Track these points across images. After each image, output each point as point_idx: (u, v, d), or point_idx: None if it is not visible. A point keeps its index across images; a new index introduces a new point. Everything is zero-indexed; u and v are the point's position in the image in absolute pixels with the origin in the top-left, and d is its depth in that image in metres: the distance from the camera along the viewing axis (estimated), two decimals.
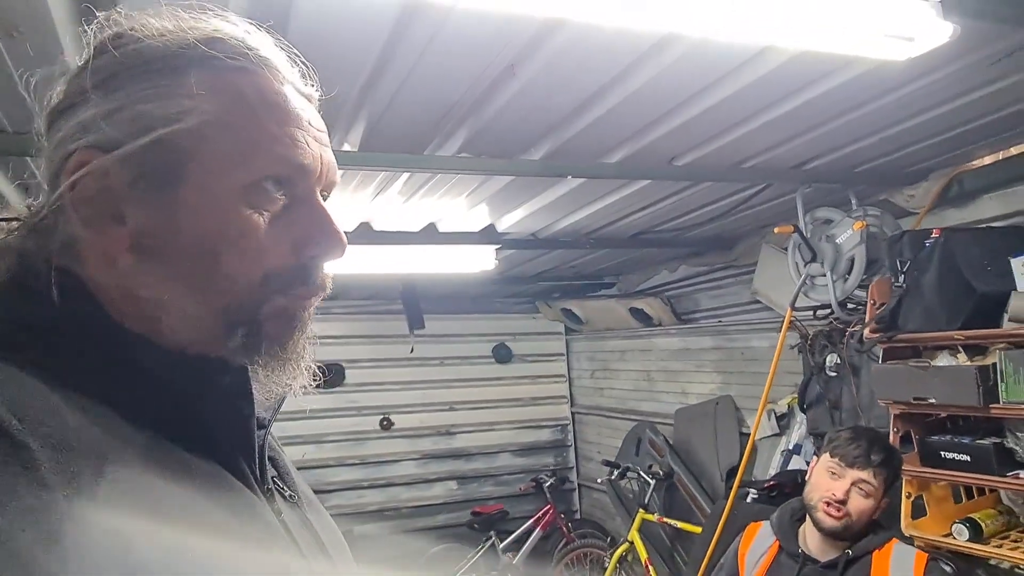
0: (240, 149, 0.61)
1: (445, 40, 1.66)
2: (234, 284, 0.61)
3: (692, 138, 2.44)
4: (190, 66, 0.61)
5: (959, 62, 1.89)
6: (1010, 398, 2.12)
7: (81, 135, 0.59)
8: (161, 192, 0.59)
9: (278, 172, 0.62)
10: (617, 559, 4.60)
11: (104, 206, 0.60)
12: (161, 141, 0.59)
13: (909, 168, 2.94)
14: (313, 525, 0.72)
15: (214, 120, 0.60)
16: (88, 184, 0.59)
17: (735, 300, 4.69)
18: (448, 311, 6.25)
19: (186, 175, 0.59)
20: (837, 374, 3.22)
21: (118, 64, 0.61)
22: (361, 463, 6.10)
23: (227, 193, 0.60)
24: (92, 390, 0.55)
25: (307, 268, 0.65)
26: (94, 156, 0.59)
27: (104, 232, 0.60)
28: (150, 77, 0.60)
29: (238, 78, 0.62)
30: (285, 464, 0.76)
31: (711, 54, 1.78)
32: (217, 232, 0.60)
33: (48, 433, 0.49)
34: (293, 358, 0.66)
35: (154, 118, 0.59)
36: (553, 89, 1.98)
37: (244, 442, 0.65)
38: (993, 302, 2.22)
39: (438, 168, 2.52)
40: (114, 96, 0.60)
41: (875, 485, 1.92)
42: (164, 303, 0.60)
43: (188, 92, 0.60)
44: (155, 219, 0.60)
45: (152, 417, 0.57)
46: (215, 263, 0.60)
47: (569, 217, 3.55)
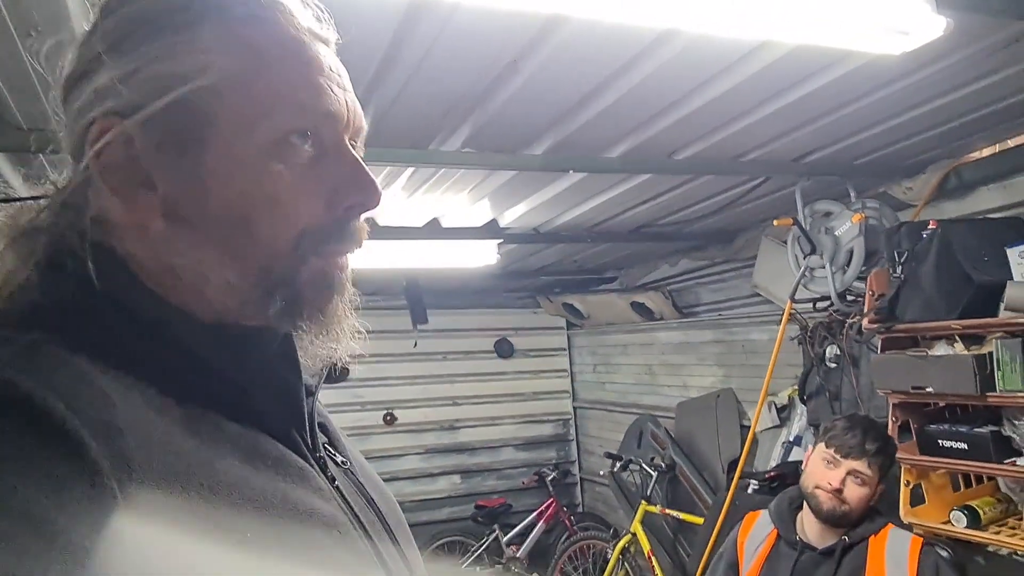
0: (261, 103, 0.58)
1: (450, 36, 1.69)
2: (270, 247, 0.59)
3: (692, 132, 2.47)
4: (202, 20, 0.58)
5: (955, 55, 1.92)
6: (1007, 387, 2.15)
7: (99, 102, 0.57)
8: (187, 155, 0.57)
9: (303, 124, 0.59)
10: (620, 551, 4.63)
11: (132, 173, 0.57)
12: (180, 102, 0.56)
13: (907, 161, 2.96)
14: (367, 490, 0.71)
15: (232, 74, 0.57)
16: (113, 152, 0.57)
17: (735, 294, 4.72)
18: (451, 306, 6.27)
19: (210, 135, 0.57)
20: (837, 365, 3.25)
21: (127, 24, 0.58)
22: (365, 458, 6.09)
23: (253, 151, 0.58)
24: (136, 369, 0.54)
25: (342, 221, 0.62)
26: (115, 123, 0.56)
27: (135, 200, 0.58)
28: (162, 35, 0.57)
29: (252, 28, 0.59)
30: (335, 431, 0.75)
31: (710, 49, 1.81)
32: (247, 194, 0.58)
33: (96, 417, 0.47)
34: (335, 322, 0.64)
35: (172, 77, 0.56)
36: (555, 84, 2.01)
37: (293, 411, 0.63)
38: (990, 292, 2.25)
39: (442, 163, 2.55)
40: (128, 58, 0.57)
41: (870, 474, 1.95)
42: (201, 272, 0.58)
43: (203, 47, 0.57)
44: (184, 183, 0.58)
45: (199, 392, 0.56)
46: (248, 226, 0.58)
47: (571, 212, 3.58)
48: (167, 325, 0.58)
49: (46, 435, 0.45)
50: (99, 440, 0.46)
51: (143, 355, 0.55)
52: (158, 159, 0.57)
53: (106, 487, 0.45)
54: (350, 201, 0.62)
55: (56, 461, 0.44)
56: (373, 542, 0.64)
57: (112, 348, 0.54)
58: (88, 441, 0.46)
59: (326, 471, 0.65)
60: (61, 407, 0.46)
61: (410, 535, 0.74)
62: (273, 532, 0.53)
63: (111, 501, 0.45)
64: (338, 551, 0.58)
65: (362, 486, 0.71)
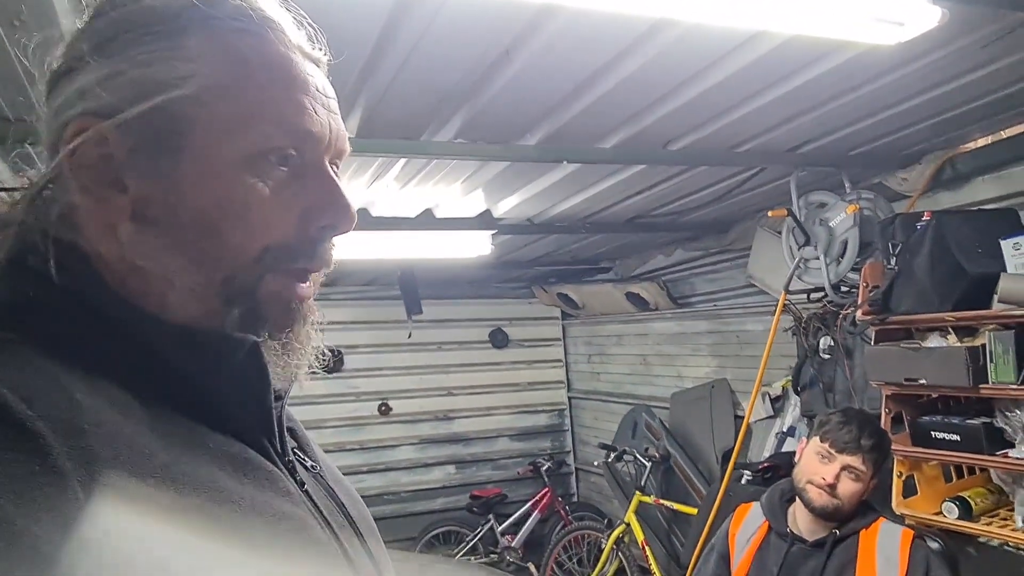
0: (243, 115, 0.58)
1: (442, 26, 1.67)
2: (234, 258, 0.59)
3: (687, 122, 2.46)
4: (190, 28, 0.58)
5: (950, 46, 1.90)
6: (999, 379, 2.15)
7: (79, 101, 0.57)
8: (162, 160, 0.57)
9: (283, 140, 0.60)
10: (614, 541, 4.64)
11: (104, 173, 0.57)
12: (161, 107, 0.56)
13: (902, 151, 2.96)
14: (337, 495, 0.71)
15: (215, 85, 0.57)
16: (87, 151, 0.57)
17: (730, 284, 4.72)
18: (445, 296, 6.26)
19: (187, 143, 0.57)
20: (831, 356, 3.25)
21: (116, 27, 0.58)
22: (360, 448, 6.14)
23: (229, 162, 0.58)
24: (101, 369, 0.53)
25: (314, 241, 0.62)
26: (91, 123, 0.56)
27: (105, 200, 0.58)
28: (149, 40, 0.57)
29: (241, 40, 0.59)
30: (305, 435, 0.75)
31: (705, 38, 1.80)
32: (219, 202, 0.58)
33: (59, 416, 0.47)
34: (298, 343, 0.64)
35: (153, 83, 0.56)
36: (548, 74, 2.00)
37: (261, 416, 0.63)
38: (983, 284, 2.24)
39: (435, 154, 2.53)
40: (112, 60, 0.57)
41: (864, 470, 1.94)
42: (166, 274, 0.58)
43: (188, 55, 0.57)
44: (156, 187, 0.58)
45: (165, 394, 0.56)
46: (216, 234, 0.58)
47: (565, 202, 3.57)
48: (131, 326, 0.57)
49: (7, 435, 0.44)
50: (62, 440, 0.46)
51: (108, 356, 0.55)
52: (131, 162, 0.57)
53: (69, 487, 0.44)
54: (323, 222, 0.62)
55: (18, 461, 0.44)
56: (342, 545, 0.64)
57: (77, 348, 0.53)
58: (51, 441, 0.45)
59: (295, 475, 0.65)
60: (23, 407, 0.45)
61: (379, 538, 0.74)
62: (241, 534, 0.53)
63: (74, 502, 0.44)
64: (307, 554, 0.58)
65: (332, 490, 0.71)
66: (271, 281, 0.61)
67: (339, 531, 0.65)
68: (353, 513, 0.71)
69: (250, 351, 0.61)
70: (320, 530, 0.62)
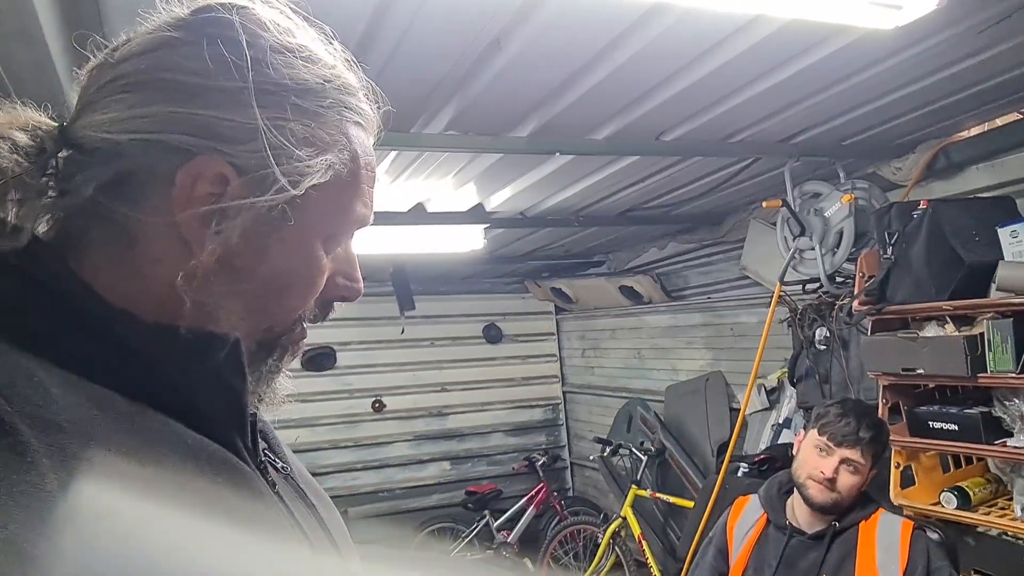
0: (342, 204, 0.64)
1: (430, 14, 1.64)
2: (285, 314, 0.65)
3: (680, 112, 2.43)
4: (329, 111, 0.62)
5: (946, 31, 1.88)
6: (997, 368, 2.13)
7: (211, 137, 0.57)
8: (270, 226, 0.60)
9: (355, 228, 0.67)
10: (610, 535, 4.64)
11: (211, 214, 0.58)
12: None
13: (897, 140, 2.94)
14: (308, 496, 0.72)
15: (338, 175, 0.62)
16: (203, 188, 0.58)
17: (724, 276, 4.70)
18: (438, 292, 6.24)
19: (296, 217, 0.61)
20: (826, 347, 3.24)
21: (271, 79, 0.59)
22: (354, 445, 6.11)
23: (316, 239, 0.63)
24: (77, 365, 0.53)
25: (326, 305, 0.69)
26: (227, 169, 0.58)
27: (199, 237, 0.58)
28: (300, 112, 0.60)
29: (356, 134, 0.65)
30: (275, 437, 0.76)
31: (700, 24, 1.77)
32: (297, 271, 0.63)
33: (36, 413, 0.47)
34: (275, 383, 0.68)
35: (305, 169, 0.60)
36: (539, 64, 1.96)
37: (236, 416, 0.64)
38: (981, 272, 2.23)
39: (425, 146, 2.50)
40: (264, 115, 0.58)
41: (863, 462, 1.92)
42: (218, 313, 0.60)
43: (330, 142, 0.62)
44: (255, 245, 0.60)
45: (143, 391, 0.56)
46: (283, 296, 0.64)
47: (557, 195, 3.54)
48: (109, 323, 0.57)
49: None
50: (38, 435, 0.46)
51: (86, 353, 0.55)
52: (243, 216, 0.59)
53: (45, 483, 0.45)
54: (341, 292, 0.69)
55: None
56: (313, 545, 0.65)
57: (54, 345, 0.54)
58: (28, 437, 0.45)
59: (267, 476, 0.67)
60: (1, 402, 0.46)
61: (349, 539, 0.75)
62: (215, 532, 0.53)
63: (51, 498, 0.44)
64: (279, 554, 0.59)
65: (302, 491, 0.73)
66: (300, 331, 0.68)
67: (309, 532, 0.67)
68: (323, 514, 0.72)
69: (231, 350, 0.61)
70: (291, 530, 0.64)
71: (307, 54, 0.62)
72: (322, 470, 5.91)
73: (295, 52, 0.61)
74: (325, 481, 5.88)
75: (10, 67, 1.22)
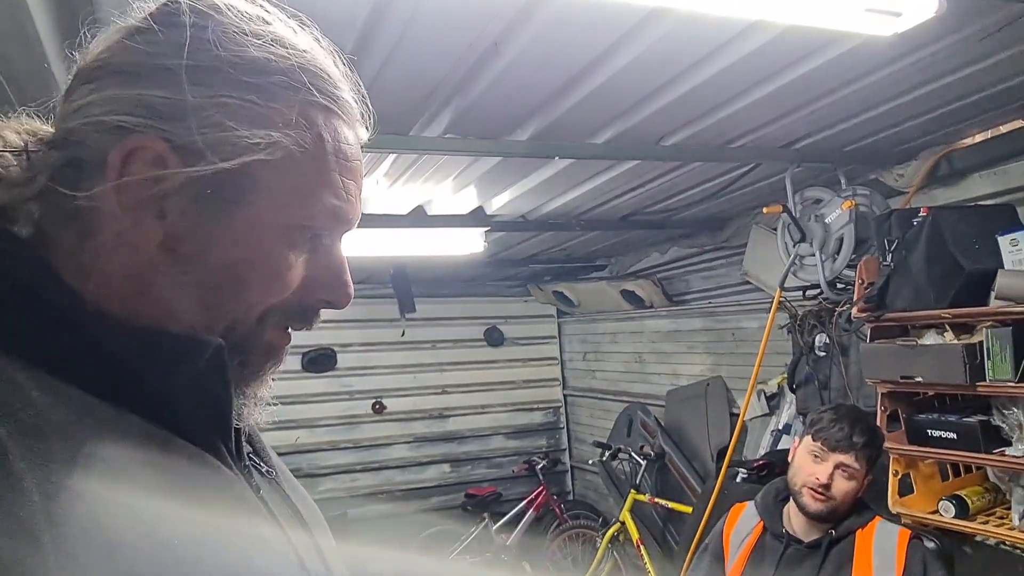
0: (303, 191, 0.60)
1: (428, 16, 1.63)
2: (243, 311, 0.61)
3: (681, 117, 2.42)
4: (286, 92, 0.59)
5: (947, 38, 1.88)
6: (996, 376, 2.12)
7: (149, 116, 0.56)
8: (214, 207, 0.58)
9: (326, 222, 0.63)
10: (609, 539, 4.63)
11: (149, 195, 0.56)
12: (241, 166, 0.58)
13: (898, 147, 2.93)
14: (292, 500, 0.72)
15: (292, 156, 0.59)
16: (140, 167, 0.56)
17: (725, 281, 4.69)
18: (439, 294, 6.24)
19: (244, 200, 0.58)
20: (826, 354, 3.23)
21: (214, 57, 0.57)
22: (354, 447, 6.11)
23: (276, 228, 0.60)
24: (58, 369, 0.53)
25: (310, 309, 0.66)
26: (156, 144, 0.56)
27: (140, 221, 0.57)
28: (246, 88, 0.58)
29: (323, 118, 0.62)
30: (261, 440, 0.76)
31: (700, 29, 1.76)
32: (252, 262, 0.60)
33: (15, 417, 0.47)
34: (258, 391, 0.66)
35: (244, 145, 0.57)
36: (539, 67, 1.96)
37: (220, 421, 0.63)
38: (981, 280, 2.22)
39: (424, 149, 2.50)
40: (201, 93, 0.56)
41: (858, 467, 1.92)
42: (172, 305, 0.58)
43: (280, 120, 0.59)
44: (198, 229, 0.58)
45: (124, 396, 0.55)
46: (238, 289, 0.60)
47: (558, 199, 3.54)
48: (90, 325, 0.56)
49: None
50: (17, 440, 0.46)
51: (67, 357, 0.54)
52: (181, 196, 0.57)
53: (24, 490, 0.44)
54: (325, 296, 0.66)
55: None
56: (298, 552, 0.64)
57: (34, 348, 0.53)
58: (5, 442, 0.45)
59: (251, 480, 0.66)
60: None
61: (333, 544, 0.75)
62: (198, 538, 0.53)
63: (29, 504, 0.44)
64: (261, 559, 0.59)
65: (287, 496, 0.72)
66: (270, 333, 0.64)
67: (293, 536, 0.66)
68: (308, 520, 0.71)
69: (214, 355, 0.60)
70: (276, 536, 0.63)
71: (264, 34, 0.60)
72: (321, 471, 5.91)
73: (248, 31, 0.59)
74: (324, 482, 5.88)
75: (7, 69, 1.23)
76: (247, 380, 0.65)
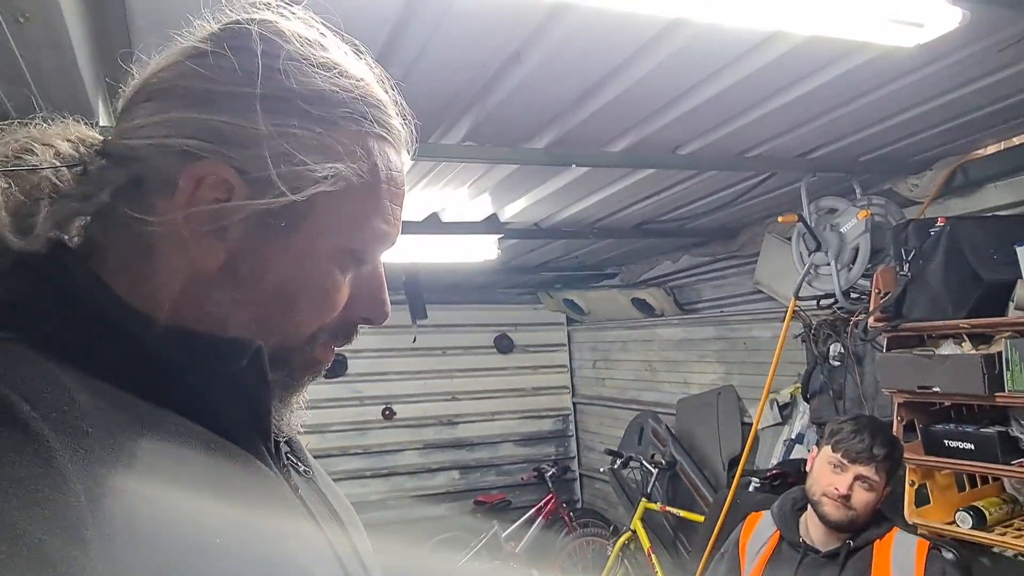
0: (358, 218, 0.63)
1: (450, 27, 1.65)
2: (294, 330, 0.63)
3: (697, 126, 2.43)
4: (348, 122, 0.61)
5: (967, 49, 1.88)
6: (1016, 387, 2.11)
7: (217, 142, 0.57)
8: (275, 232, 0.60)
9: (374, 246, 0.65)
10: (620, 548, 4.61)
11: (213, 219, 0.58)
12: None
13: (914, 157, 2.93)
14: (328, 499, 0.73)
15: (350, 185, 0.61)
16: (207, 193, 0.58)
17: (737, 290, 4.69)
18: (451, 301, 6.25)
19: (303, 226, 0.60)
20: (841, 363, 3.22)
21: (284, 88, 0.59)
22: (364, 453, 6.12)
23: (329, 252, 0.62)
24: (101, 370, 0.54)
25: (350, 326, 0.68)
26: (225, 170, 0.57)
27: (202, 243, 0.59)
28: (313, 119, 0.60)
29: (379, 147, 0.63)
30: (298, 440, 0.77)
31: (718, 40, 1.77)
32: (305, 284, 0.62)
33: (62, 418, 0.47)
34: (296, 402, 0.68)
35: (312, 177, 0.59)
36: (558, 76, 1.97)
37: (259, 421, 0.65)
38: (999, 290, 2.21)
39: (442, 156, 2.52)
40: (271, 122, 0.58)
41: (877, 479, 1.91)
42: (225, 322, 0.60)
43: (343, 151, 0.60)
44: (258, 252, 0.60)
45: (166, 396, 0.57)
46: (290, 309, 0.62)
47: (572, 207, 3.55)
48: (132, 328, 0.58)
49: (12, 437, 0.45)
50: (63, 441, 0.46)
51: (110, 358, 0.56)
52: (245, 221, 0.59)
53: (71, 491, 0.45)
54: (365, 313, 0.68)
55: (21, 464, 0.44)
56: (334, 548, 0.66)
57: (79, 349, 0.54)
58: (52, 443, 0.46)
59: (289, 480, 0.67)
60: (27, 408, 0.46)
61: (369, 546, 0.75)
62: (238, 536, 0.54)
63: (76, 505, 0.45)
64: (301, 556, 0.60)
65: (324, 495, 0.73)
66: (312, 353, 0.66)
67: (331, 536, 0.67)
68: (345, 518, 0.73)
69: (254, 355, 0.61)
70: (314, 534, 0.64)
71: (329, 64, 0.61)
72: (331, 477, 5.88)
73: (314, 62, 0.61)
74: None
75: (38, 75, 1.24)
76: (289, 391, 0.67)
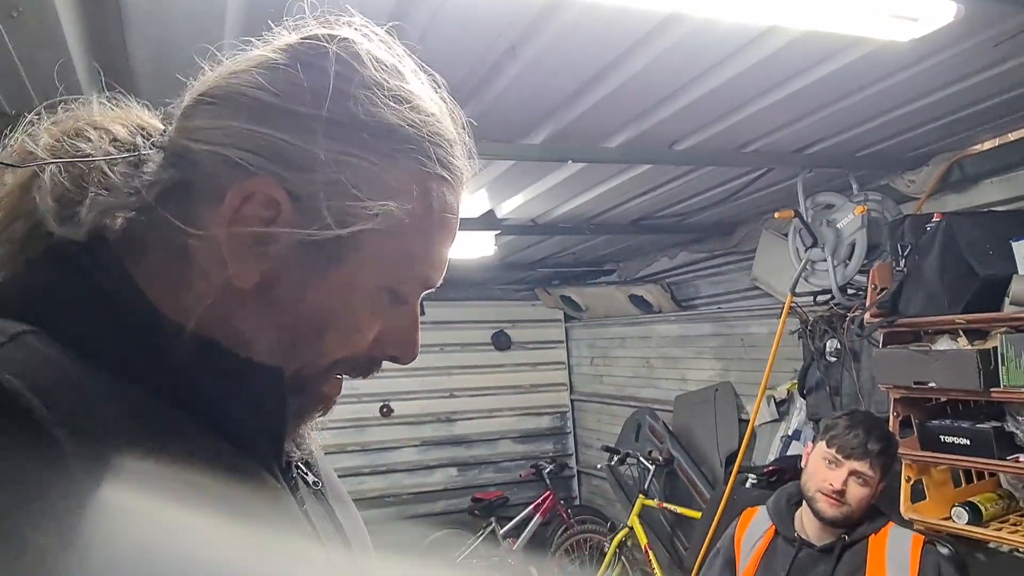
0: (403, 258, 0.61)
1: (445, 21, 1.65)
2: (317, 358, 0.62)
3: (693, 121, 2.43)
4: (410, 160, 0.59)
5: (962, 44, 1.88)
6: (1011, 382, 2.12)
7: (273, 159, 0.56)
8: (316, 259, 0.58)
9: (415, 287, 0.63)
10: (617, 545, 4.61)
11: (256, 237, 0.57)
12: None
13: (910, 153, 2.93)
14: (336, 515, 0.71)
15: (399, 223, 0.58)
16: (254, 210, 0.56)
17: (734, 286, 4.69)
18: (448, 298, 6.24)
19: (346, 258, 0.58)
20: (837, 359, 3.22)
21: (350, 115, 0.57)
22: (362, 450, 6.12)
23: (368, 288, 0.60)
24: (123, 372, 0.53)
25: (375, 361, 0.66)
26: (279, 193, 0.56)
27: (241, 260, 0.57)
28: (374, 152, 0.58)
29: (437, 188, 0.61)
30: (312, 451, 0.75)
31: (715, 34, 1.77)
32: (338, 315, 0.60)
33: (77, 423, 0.47)
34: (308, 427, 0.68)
35: (361, 213, 0.57)
36: (554, 71, 1.97)
37: (272, 436, 0.64)
38: (995, 286, 2.22)
39: None
40: (331, 147, 0.56)
41: (872, 474, 1.91)
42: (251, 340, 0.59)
43: (399, 189, 0.58)
44: (296, 277, 0.58)
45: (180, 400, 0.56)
46: (319, 337, 0.60)
47: (569, 203, 3.55)
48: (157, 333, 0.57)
49: (21, 434, 0.45)
50: (78, 446, 0.46)
51: (131, 359, 0.55)
52: (287, 243, 0.57)
53: (79, 491, 0.45)
54: (394, 352, 0.66)
55: (29, 463, 0.44)
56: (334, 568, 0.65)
57: (101, 347, 0.54)
58: (63, 442, 0.45)
59: (296, 493, 0.66)
60: (43, 411, 0.46)
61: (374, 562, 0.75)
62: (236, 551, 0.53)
63: (85, 512, 0.44)
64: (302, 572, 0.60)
65: (332, 510, 0.71)
66: (331, 382, 0.65)
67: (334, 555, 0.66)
68: (351, 536, 0.71)
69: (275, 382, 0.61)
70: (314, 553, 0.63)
71: (401, 96, 0.59)
72: None
73: (387, 91, 0.58)
74: None
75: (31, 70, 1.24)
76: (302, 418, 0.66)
